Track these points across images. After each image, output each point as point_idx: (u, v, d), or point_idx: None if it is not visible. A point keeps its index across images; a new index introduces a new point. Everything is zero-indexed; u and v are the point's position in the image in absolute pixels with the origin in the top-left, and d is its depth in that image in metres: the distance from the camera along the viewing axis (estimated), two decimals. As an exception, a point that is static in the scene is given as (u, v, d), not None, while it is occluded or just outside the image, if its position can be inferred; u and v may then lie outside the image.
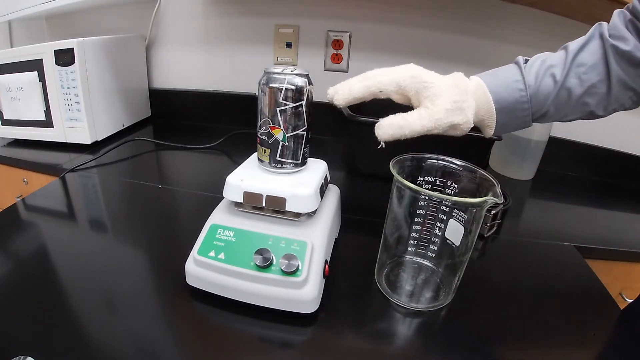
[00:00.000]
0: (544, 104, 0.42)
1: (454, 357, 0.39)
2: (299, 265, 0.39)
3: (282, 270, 0.38)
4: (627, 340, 0.42)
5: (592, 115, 0.44)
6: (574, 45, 0.43)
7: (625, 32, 0.41)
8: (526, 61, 0.44)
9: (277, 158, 0.43)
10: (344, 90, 0.43)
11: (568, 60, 0.42)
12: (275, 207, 0.42)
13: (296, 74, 0.41)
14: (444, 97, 0.40)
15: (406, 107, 0.43)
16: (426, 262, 0.48)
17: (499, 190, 0.38)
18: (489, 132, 0.44)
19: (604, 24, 0.43)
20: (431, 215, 0.43)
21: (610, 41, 0.41)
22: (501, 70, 0.44)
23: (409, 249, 0.46)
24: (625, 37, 0.41)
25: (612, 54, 0.41)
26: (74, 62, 0.76)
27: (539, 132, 0.81)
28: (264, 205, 0.42)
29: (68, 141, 0.83)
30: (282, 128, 0.42)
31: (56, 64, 0.77)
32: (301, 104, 0.41)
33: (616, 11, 0.43)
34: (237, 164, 0.48)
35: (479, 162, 0.43)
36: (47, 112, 0.81)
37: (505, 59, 0.59)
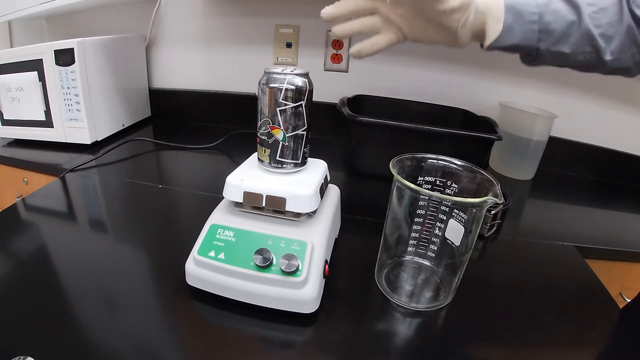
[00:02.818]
0: (552, 17, 0.41)
1: (454, 357, 0.39)
2: (299, 265, 0.39)
3: (282, 270, 0.38)
4: (627, 340, 0.42)
5: (596, 57, 0.42)
6: None
7: None
8: None
9: (277, 158, 0.43)
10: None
11: None
12: (275, 207, 0.42)
13: (296, 74, 0.41)
14: None
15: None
16: (426, 262, 0.48)
17: (499, 190, 0.38)
18: (497, 27, 0.42)
19: None
20: (431, 215, 0.43)
21: (629, 3, 0.40)
22: None
23: (409, 249, 0.46)
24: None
25: (627, 11, 0.40)
26: (74, 62, 0.76)
27: (539, 132, 0.81)
28: (264, 205, 0.42)
29: (68, 141, 0.83)
30: (282, 128, 0.42)
31: (56, 64, 0.77)
32: (301, 104, 0.41)
33: None
34: (237, 164, 0.48)
35: (479, 162, 0.43)
36: (47, 112, 0.81)
37: (505, 57, 0.59)
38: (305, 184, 0.43)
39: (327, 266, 0.42)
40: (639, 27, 0.41)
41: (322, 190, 0.46)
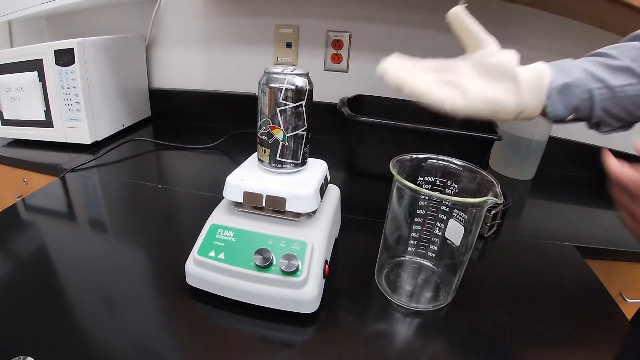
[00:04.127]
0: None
1: (454, 357, 0.39)
2: (299, 265, 0.39)
3: (282, 270, 0.38)
4: (627, 339, 0.42)
5: None
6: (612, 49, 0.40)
7: None
8: None
9: (277, 158, 0.43)
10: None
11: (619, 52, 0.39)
12: (275, 207, 0.42)
13: (296, 74, 0.40)
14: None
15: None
16: (426, 262, 0.48)
17: (499, 190, 0.38)
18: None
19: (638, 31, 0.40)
20: (431, 215, 0.43)
21: None
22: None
23: (409, 249, 0.46)
24: None
25: None
26: (74, 62, 0.76)
27: (539, 132, 0.81)
28: (264, 205, 0.42)
29: (68, 141, 0.83)
30: (282, 128, 0.42)
31: (56, 64, 0.77)
32: (301, 104, 0.41)
33: None
34: (237, 164, 0.48)
35: (479, 162, 0.43)
36: (47, 112, 0.81)
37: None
38: (305, 184, 0.43)
39: (327, 266, 0.42)
40: None
41: (322, 190, 0.46)
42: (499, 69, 0.39)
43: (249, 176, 0.44)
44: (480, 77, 0.39)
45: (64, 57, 0.76)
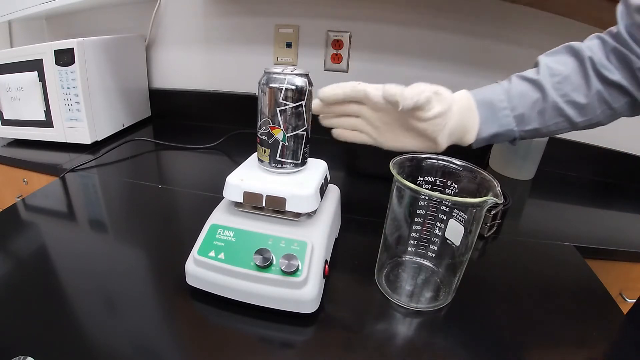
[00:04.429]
0: (519, 101, 0.44)
1: (454, 357, 0.39)
2: (299, 265, 0.39)
3: (282, 270, 0.38)
4: (628, 340, 0.42)
5: (568, 124, 0.45)
6: (544, 59, 0.45)
7: (607, 63, 0.42)
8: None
9: (277, 158, 0.43)
10: (331, 87, 0.44)
11: (541, 69, 0.44)
12: (275, 207, 0.42)
13: (296, 74, 0.40)
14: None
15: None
16: (426, 262, 0.48)
17: (499, 190, 0.38)
18: (475, 124, 0.44)
19: (576, 44, 0.44)
20: (431, 215, 0.43)
21: (595, 66, 0.42)
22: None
23: (409, 249, 0.46)
24: (609, 68, 0.42)
25: (594, 75, 0.43)
26: (74, 62, 0.76)
27: (539, 132, 0.81)
28: (264, 205, 0.42)
29: (68, 141, 0.83)
30: (282, 128, 0.42)
31: (56, 64, 0.77)
32: (301, 104, 0.41)
33: (596, 39, 0.44)
34: (237, 164, 0.48)
35: (479, 162, 0.43)
36: (47, 112, 0.81)
37: (504, 58, 0.59)
38: (305, 184, 0.43)
39: (327, 266, 0.43)
40: (608, 87, 0.43)
41: (322, 190, 0.46)
42: (423, 133, 0.43)
43: (249, 176, 0.44)
44: (403, 130, 0.44)
45: (64, 57, 0.76)
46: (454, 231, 0.40)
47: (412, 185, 0.38)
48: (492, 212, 0.58)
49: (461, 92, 0.45)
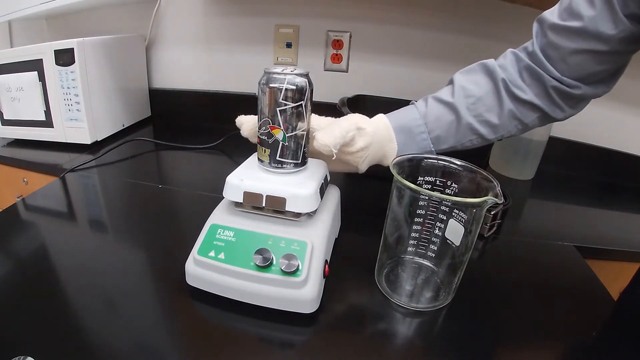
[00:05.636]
0: (435, 124, 0.48)
1: (454, 357, 0.39)
2: (299, 265, 0.39)
3: (282, 270, 0.38)
4: (627, 339, 0.42)
5: (482, 140, 0.49)
6: (460, 78, 0.49)
7: (520, 82, 0.45)
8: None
9: (277, 158, 0.43)
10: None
11: (456, 91, 0.48)
12: (275, 207, 0.42)
13: (296, 74, 0.40)
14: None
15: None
16: (426, 262, 0.47)
17: (499, 190, 0.38)
18: (393, 151, 0.49)
19: (491, 63, 0.48)
20: (431, 215, 0.43)
21: (507, 86, 0.46)
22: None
23: (409, 249, 0.46)
24: (522, 87, 0.45)
25: (506, 95, 0.46)
26: (74, 62, 0.76)
27: (539, 132, 0.81)
28: (264, 205, 0.42)
29: (68, 141, 0.83)
30: (282, 128, 0.42)
31: (56, 64, 0.77)
32: (301, 104, 0.41)
33: (511, 55, 0.48)
34: (237, 164, 0.48)
35: (479, 162, 0.43)
36: (47, 112, 0.81)
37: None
38: (305, 184, 0.43)
39: (327, 266, 0.42)
40: (520, 106, 0.46)
41: (322, 190, 0.46)
42: (348, 163, 0.50)
43: (249, 176, 0.44)
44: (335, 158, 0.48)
45: (64, 57, 0.76)
46: (454, 231, 0.40)
47: (412, 185, 0.38)
48: (492, 212, 0.58)
49: (379, 123, 0.49)
